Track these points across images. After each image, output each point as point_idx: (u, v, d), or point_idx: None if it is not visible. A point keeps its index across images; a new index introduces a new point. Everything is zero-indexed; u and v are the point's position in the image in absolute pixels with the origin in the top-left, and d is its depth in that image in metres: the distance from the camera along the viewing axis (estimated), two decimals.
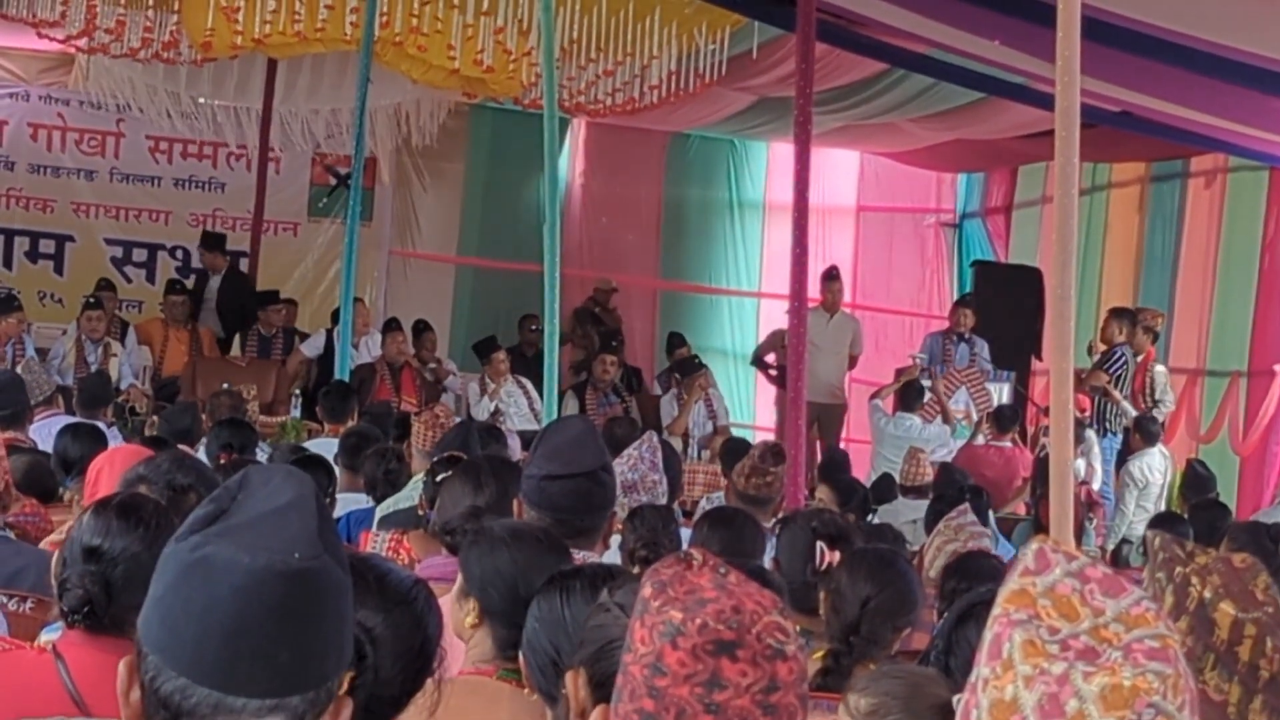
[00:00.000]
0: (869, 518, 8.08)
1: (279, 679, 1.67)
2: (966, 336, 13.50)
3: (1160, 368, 12.38)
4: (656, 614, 1.72)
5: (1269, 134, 10.57)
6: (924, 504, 8.61)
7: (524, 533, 3.39)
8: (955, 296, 15.39)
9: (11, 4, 12.03)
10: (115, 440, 7.10)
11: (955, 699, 2.80)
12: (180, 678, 1.66)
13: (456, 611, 3.24)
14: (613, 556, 4.93)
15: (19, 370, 9.86)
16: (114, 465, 4.74)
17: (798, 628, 1.81)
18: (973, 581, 4.49)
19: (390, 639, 2.31)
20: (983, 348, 13.38)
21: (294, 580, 1.66)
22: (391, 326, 13.26)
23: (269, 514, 1.69)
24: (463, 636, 3.25)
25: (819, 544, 4.44)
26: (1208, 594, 1.92)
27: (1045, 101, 10.34)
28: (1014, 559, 1.50)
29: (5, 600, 4.13)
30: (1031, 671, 1.37)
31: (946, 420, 12.80)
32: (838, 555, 4.35)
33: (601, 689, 2.21)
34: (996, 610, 1.42)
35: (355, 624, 1.85)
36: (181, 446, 5.62)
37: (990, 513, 8.60)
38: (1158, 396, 12.28)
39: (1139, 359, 12.33)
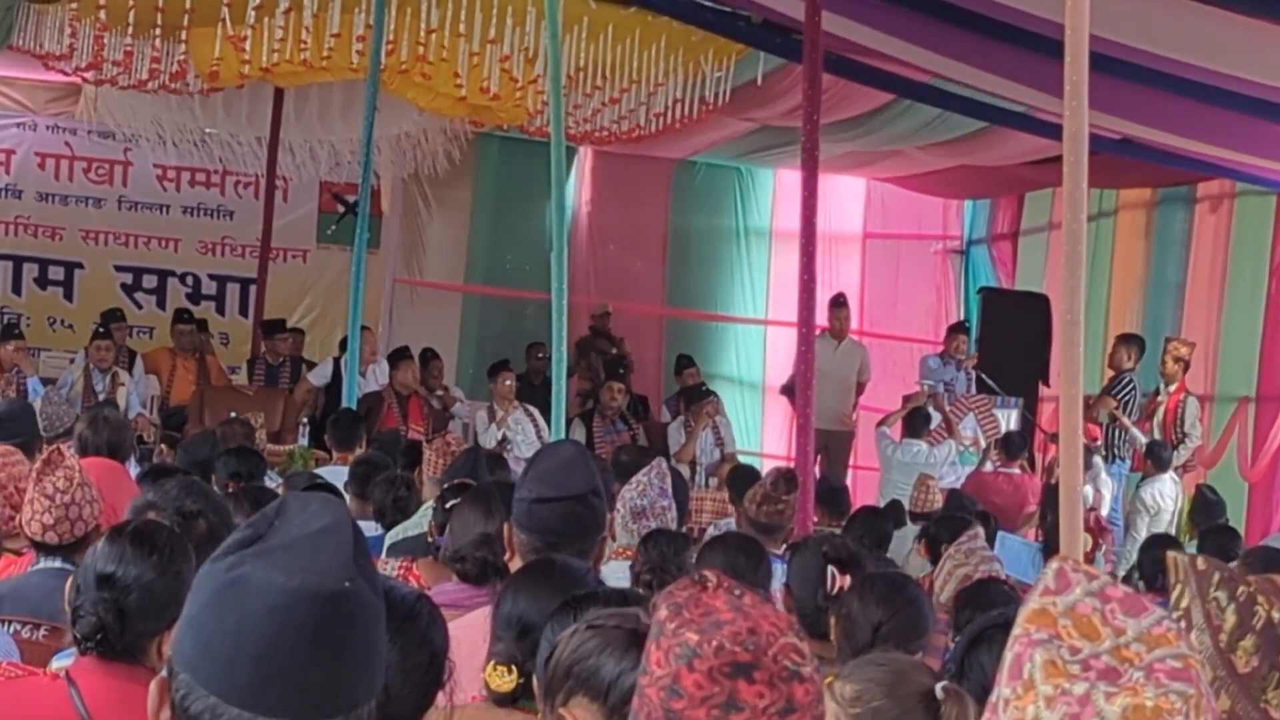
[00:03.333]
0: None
1: (309, 702, 1.67)
2: (962, 362, 13.57)
3: (1194, 400, 12.34)
4: (672, 636, 1.71)
5: (1273, 163, 10.58)
6: None
7: (543, 562, 3.41)
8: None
9: (19, 37, 12.07)
10: (133, 471, 7.09)
11: (938, 687, 2.82)
12: (211, 697, 1.66)
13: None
14: (618, 580, 4.93)
15: (40, 400, 9.92)
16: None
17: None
18: (986, 611, 4.48)
19: (398, 658, 2.31)
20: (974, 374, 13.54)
21: (329, 603, 1.66)
22: (403, 355, 13.27)
23: (306, 537, 1.70)
24: None
25: (830, 569, 4.43)
26: (1277, 614, 1.90)
27: (1048, 130, 10.37)
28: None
29: (19, 627, 4.13)
30: (1053, 692, 1.36)
31: (952, 435, 12.80)
32: (849, 580, 4.35)
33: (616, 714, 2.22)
34: (1017, 630, 1.41)
35: None
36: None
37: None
38: (1187, 429, 12.25)
39: (1171, 389, 12.30)
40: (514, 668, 3.04)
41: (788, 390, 14.44)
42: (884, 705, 2.85)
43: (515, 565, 3.89)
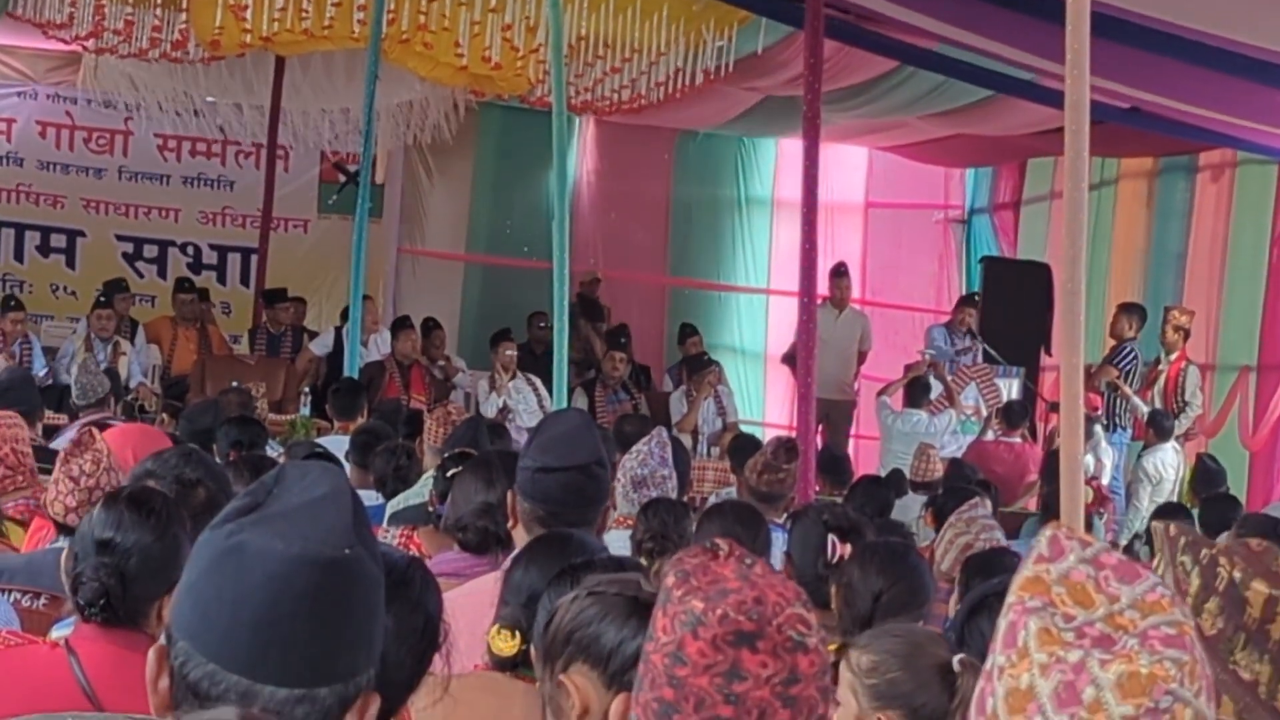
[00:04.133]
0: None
1: (308, 669, 1.68)
2: (971, 333, 13.57)
3: (1195, 368, 12.35)
4: (678, 603, 1.72)
5: (1276, 129, 10.56)
6: None
7: (559, 535, 3.42)
8: (964, 292, 15.38)
9: (19, 5, 12.04)
10: None
11: (955, 659, 2.83)
12: (209, 664, 1.67)
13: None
14: (619, 549, 4.94)
15: (75, 370, 9.95)
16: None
17: None
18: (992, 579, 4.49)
19: (393, 624, 2.30)
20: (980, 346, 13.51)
21: (328, 570, 1.67)
22: (404, 325, 13.26)
23: (305, 505, 1.71)
24: None
25: (831, 537, 4.44)
26: (1238, 574, 1.91)
27: (1054, 99, 10.33)
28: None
29: (19, 595, 4.14)
30: (1047, 659, 1.36)
31: (952, 404, 12.81)
32: (849, 548, 4.35)
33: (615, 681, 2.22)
34: (1011, 598, 1.41)
35: None
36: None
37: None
38: (1188, 398, 12.26)
39: (1172, 358, 12.31)
40: (518, 633, 3.05)
41: (789, 359, 14.43)
42: (900, 677, 2.87)
43: (518, 533, 3.91)
